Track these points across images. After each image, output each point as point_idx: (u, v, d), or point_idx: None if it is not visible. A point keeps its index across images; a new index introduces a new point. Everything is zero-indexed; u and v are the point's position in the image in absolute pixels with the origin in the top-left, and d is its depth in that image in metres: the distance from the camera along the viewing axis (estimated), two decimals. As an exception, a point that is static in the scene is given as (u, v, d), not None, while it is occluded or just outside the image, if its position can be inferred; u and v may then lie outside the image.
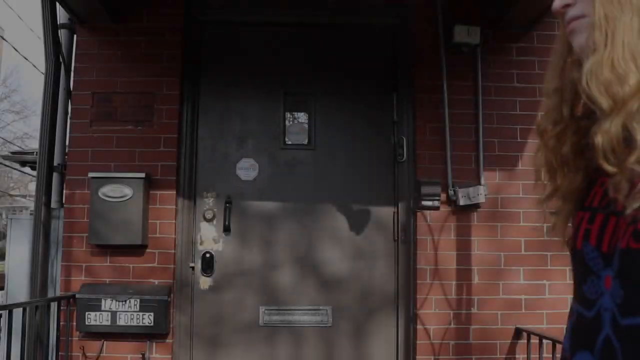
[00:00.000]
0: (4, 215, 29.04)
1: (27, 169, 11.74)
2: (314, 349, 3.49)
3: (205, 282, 3.52)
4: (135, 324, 3.40)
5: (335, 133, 3.68)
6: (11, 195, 31.43)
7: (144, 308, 3.37)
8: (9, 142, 26.60)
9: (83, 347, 3.46)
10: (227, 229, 3.54)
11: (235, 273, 3.52)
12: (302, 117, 3.75)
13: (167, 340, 3.46)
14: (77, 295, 3.43)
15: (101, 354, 3.43)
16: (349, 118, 3.69)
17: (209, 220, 3.55)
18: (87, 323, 3.41)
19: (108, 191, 3.46)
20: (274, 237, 3.56)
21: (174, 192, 3.57)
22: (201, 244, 3.57)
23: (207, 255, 3.53)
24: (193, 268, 3.54)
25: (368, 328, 3.51)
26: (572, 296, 0.98)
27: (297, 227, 3.57)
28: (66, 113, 3.84)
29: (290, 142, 3.66)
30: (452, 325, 3.54)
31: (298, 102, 3.74)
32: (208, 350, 3.49)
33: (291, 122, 3.74)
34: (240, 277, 3.52)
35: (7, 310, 2.97)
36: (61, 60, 3.60)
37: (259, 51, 3.74)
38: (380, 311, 3.54)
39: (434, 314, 3.54)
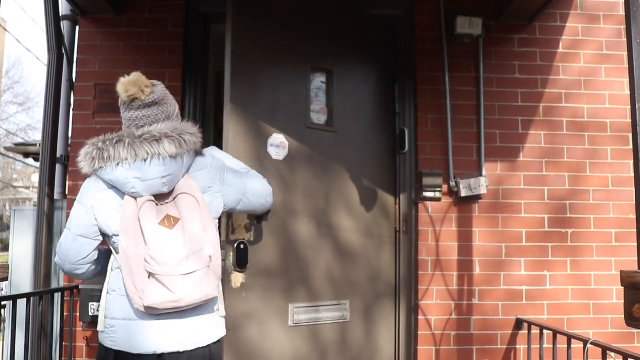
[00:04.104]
0: (7, 207, 29.13)
1: (31, 161, 11.78)
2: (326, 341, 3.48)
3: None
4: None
5: (349, 117, 3.52)
6: (15, 187, 31.53)
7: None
8: (12, 133, 26.69)
9: (87, 337, 3.49)
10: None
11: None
12: (321, 97, 3.57)
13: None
14: (80, 286, 3.45)
15: (105, 344, 3.45)
16: (359, 103, 3.59)
17: None
18: (90, 313, 3.43)
19: (111, 182, 3.47)
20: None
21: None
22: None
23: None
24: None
25: (369, 318, 3.51)
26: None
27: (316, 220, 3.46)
28: (69, 105, 3.85)
29: (314, 122, 3.38)
30: (454, 316, 3.56)
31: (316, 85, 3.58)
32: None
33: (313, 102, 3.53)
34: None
35: (12, 301, 2.99)
36: (64, 51, 3.61)
37: (263, 40, 3.66)
38: (381, 301, 3.55)
39: (435, 304, 3.56)
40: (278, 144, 3.14)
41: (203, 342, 2.12)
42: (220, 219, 2.35)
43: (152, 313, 2.06)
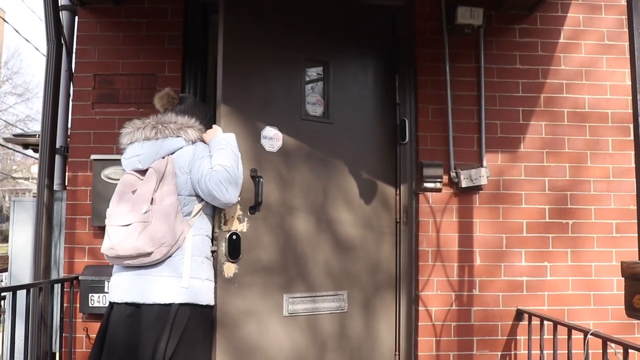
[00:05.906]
0: (7, 198, 29.12)
1: (30, 152, 11.76)
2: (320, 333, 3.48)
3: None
4: (138, 305, 3.42)
5: (347, 108, 3.52)
6: (14, 178, 31.52)
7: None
8: (11, 124, 26.63)
9: (86, 328, 3.49)
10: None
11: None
12: (318, 89, 3.57)
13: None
14: (80, 277, 3.45)
15: (105, 335, 3.46)
16: (357, 94, 3.58)
17: None
18: (90, 304, 3.44)
19: (110, 173, 3.47)
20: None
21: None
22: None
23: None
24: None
25: (369, 309, 3.51)
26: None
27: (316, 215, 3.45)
28: (68, 95, 3.84)
29: (309, 113, 3.37)
30: (454, 307, 3.56)
31: (312, 76, 3.58)
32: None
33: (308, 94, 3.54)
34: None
35: (11, 292, 3.00)
36: (63, 42, 3.59)
37: (263, 33, 3.61)
38: (381, 292, 3.55)
39: (435, 295, 3.56)
40: (272, 136, 3.16)
41: (152, 300, 2.52)
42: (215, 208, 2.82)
43: (111, 263, 2.66)
